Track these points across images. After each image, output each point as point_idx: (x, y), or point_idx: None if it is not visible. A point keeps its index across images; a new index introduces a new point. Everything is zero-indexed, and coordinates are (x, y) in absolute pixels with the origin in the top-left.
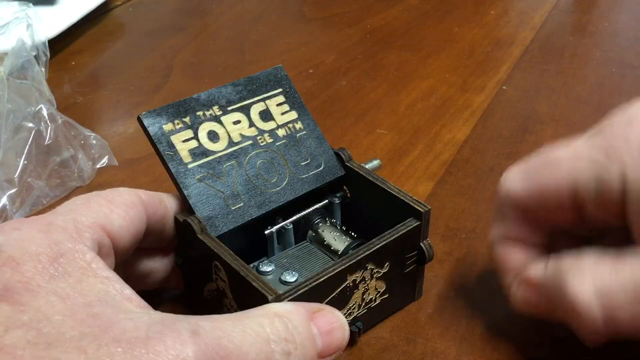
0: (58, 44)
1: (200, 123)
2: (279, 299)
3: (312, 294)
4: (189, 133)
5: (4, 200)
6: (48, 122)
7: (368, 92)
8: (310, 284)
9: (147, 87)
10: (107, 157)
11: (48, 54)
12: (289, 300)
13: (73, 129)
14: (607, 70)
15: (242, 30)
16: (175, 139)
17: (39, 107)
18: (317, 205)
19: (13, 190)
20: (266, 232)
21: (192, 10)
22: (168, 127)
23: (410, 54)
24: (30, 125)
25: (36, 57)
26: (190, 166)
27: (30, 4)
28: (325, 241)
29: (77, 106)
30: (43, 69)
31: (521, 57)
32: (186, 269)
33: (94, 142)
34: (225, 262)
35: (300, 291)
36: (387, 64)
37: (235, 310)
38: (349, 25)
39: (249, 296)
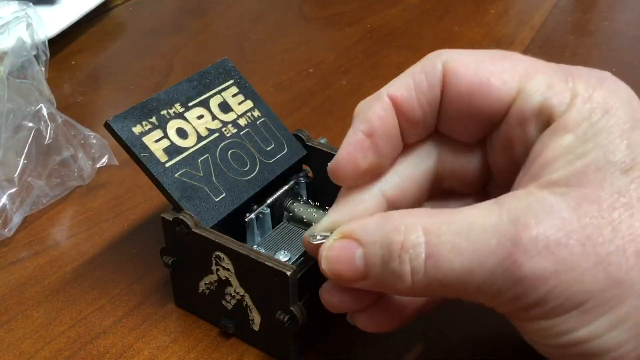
0: (58, 43)
1: (167, 122)
2: (296, 273)
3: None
4: (159, 133)
5: (4, 199)
6: (48, 121)
7: (368, 91)
8: None
9: (147, 87)
10: (107, 156)
11: (48, 54)
12: (303, 274)
13: (73, 129)
14: (607, 70)
15: (242, 29)
16: (147, 140)
17: (39, 106)
18: (286, 187)
19: (13, 190)
20: (246, 219)
21: (192, 10)
22: (137, 129)
23: (411, 53)
24: (30, 124)
25: (36, 57)
26: (167, 165)
27: (30, 3)
28: (304, 218)
29: (77, 105)
30: (43, 69)
31: None
32: (177, 269)
33: (94, 141)
34: (231, 250)
35: (310, 264)
36: (388, 63)
37: (242, 297)
38: (349, 24)
39: (262, 278)
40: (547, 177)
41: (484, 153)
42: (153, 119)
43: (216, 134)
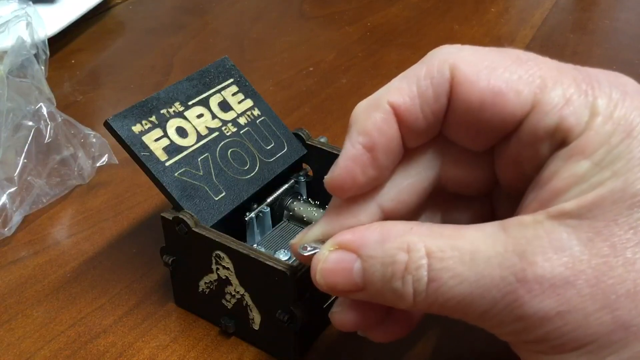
0: (58, 42)
1: (167, 120)
2: (295, 272)
3: None
4: (158, 132)
5: (4, 198)
6: (48, 120)
7: (368, 91)
8: None
9: (147, 86)
10: (107, 155)
11: (48, 52)
12: (303, 273)
13: (73, 128)
14: (607, 68)
15: (242, 28)
16: (147, 139)
17: (39, 105)
18: (285, 186)
19: (13, 189)
20: (246, 218)
21: (192, 9)
22: (137, 128)
23: (411, 52)
24: (30, 123)
25: (36, 56)
26: (167, 164)
27: (30, 2)
28: (304, 217)
29: (77, 105)
30: (43, 68)
31: None
32: (177, 268)
33: (94, 140)
34: (231, 249)
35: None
36: (388, 62)
37: (242, 296)
38: (349, 23)
39: (262, 277)
40: (558, 206)
41: (490, 160)
42: (153, 118)
43: (216, 133)
